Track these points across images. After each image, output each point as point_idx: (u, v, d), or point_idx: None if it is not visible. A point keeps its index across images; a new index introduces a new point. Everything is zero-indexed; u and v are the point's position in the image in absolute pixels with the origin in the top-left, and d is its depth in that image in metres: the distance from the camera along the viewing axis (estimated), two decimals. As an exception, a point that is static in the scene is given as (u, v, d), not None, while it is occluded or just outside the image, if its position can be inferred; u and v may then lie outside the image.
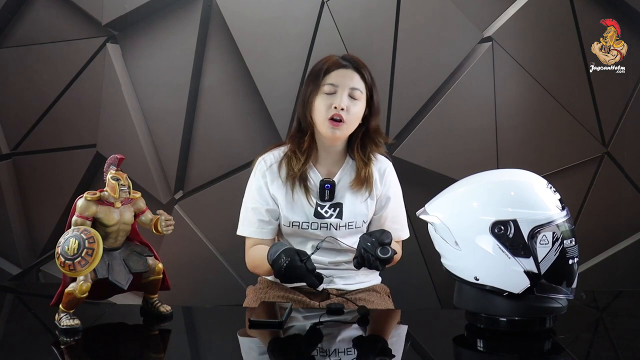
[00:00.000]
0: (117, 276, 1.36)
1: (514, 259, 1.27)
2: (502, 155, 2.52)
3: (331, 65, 1.73)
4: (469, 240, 1.31)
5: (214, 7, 2.50)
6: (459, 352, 1.34)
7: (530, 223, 1.26)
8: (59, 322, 1.35)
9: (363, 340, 1.38)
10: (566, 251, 1.27)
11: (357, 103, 1.71)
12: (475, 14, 2.47)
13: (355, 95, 1.71)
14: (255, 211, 1.78)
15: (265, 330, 1.38)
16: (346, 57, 1.77)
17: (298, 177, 1.74)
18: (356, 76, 1.73)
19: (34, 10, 2.54)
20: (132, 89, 2.55)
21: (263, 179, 1.78)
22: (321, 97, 1.71)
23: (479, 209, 1.31)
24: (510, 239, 1.27)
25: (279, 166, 1.78)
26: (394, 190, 1.84)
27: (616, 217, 2.57)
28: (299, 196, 1.75)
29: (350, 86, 1.71)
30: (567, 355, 1.25)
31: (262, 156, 1.82)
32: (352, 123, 1.72)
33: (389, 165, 1.85)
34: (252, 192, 1.79)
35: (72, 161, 2.58)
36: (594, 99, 2.53)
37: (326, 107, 1.69)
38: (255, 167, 1.81)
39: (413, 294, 2.50)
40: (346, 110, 1.69)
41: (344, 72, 1.72)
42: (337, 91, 1.70)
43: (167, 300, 1.48)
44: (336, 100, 1.69)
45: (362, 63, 1.76)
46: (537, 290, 1.28)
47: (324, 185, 1.73)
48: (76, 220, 1.33)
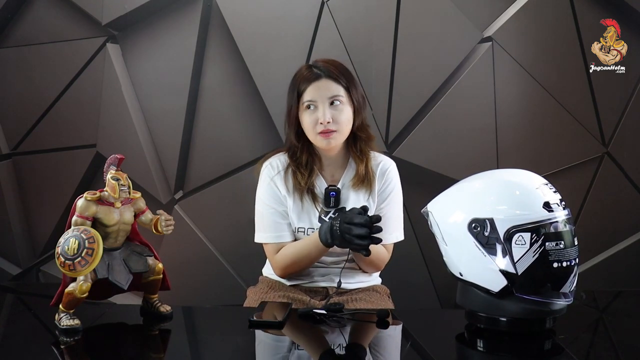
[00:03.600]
0: (117, 276, 1.36)
1: (489, 257, 1.27)
2: (502, 155, 2.52)
3: (303, 81, 1.72)
4: (452, 237, 1.34)
5: (214, 7, 2.50)
6: (459, 352, 1.34)
7: (506, 223, 1.25)
8: (59, 322, 1.35)
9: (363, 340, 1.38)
10: (548, 253, 1.24)
11: (342, 109, 1.70)
12: (475, 14, 2.48)
13: (337, 103, 1.69)
14: (274, 214, 1.75)
15: (265, 330, 1.38)
16: (317, 65, 1.74)
17: (306, 190, 1.74)
18: (331, 84, 1.70)
19: (34, 10, 2.54)
20: (132, 89, 2.55)
21: (273, 183, 1.77)
22: (305, 114, 1.71)
23: (461, 207, 1.33)
24: (485, 237, 1.27)
25: (285, 174, 1.76)
26: (393, 191, 1.81)
27: (616, 217, 2.58)
28: (306, 204, 1.74)
29: (328, 96, 1.69)
30: (567, 355, 1.25)
31: (267, 161, 1.81)
32: (344, 129, 1.71)
33: (391, 165, 1.83)
34: (266, 196, 1.77)
35: (72, 161, 2.58)
36: (594, 99, 2.53)
37: (313, 124, 1.69)
38: (262, 172, 1.80)
39: (413, 294, 2.50)
40: (333, 120, 1.68)
41: (318, 85, 1.70)
42: (318, 105, 1.69)
43: (167, 300, 1.48)
44: (320, 115, 1.68)
45: (334, 66, 1.73)
46: (516, 290, 1.27)
47: (329, 193, 1.73)
48: (76, 220, 1.33)
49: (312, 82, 1.70)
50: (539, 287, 1.26)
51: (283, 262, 1.74)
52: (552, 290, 1.26)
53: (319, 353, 1.29)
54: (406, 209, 2.48)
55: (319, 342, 1.36)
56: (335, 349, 1.30)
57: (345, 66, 1.77)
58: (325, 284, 1.77)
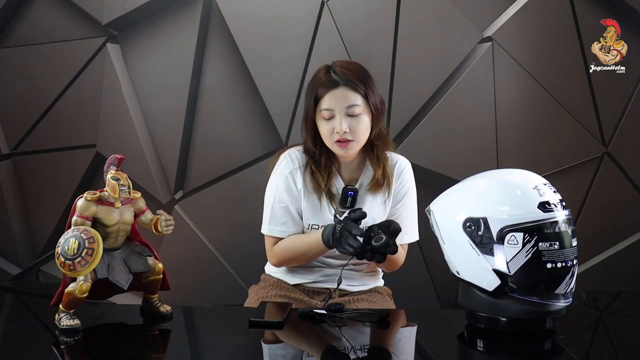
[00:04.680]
0: (117, 276, 1.36)
1: (483, 257, 1.28)
2: (502, 155, 2.52)
3: (321, 88, 1.66)
4: (449, 236, 1.35)
5: (214, 7, 2.50)
6: (459, 352, 1.34)
7: (499, 222, 1.25)
8: (59, 322, 1.35)
9: (364, 340, 1.38)
10: (542, 254, 1.23)
11: (359, 119, 1.65)
12: (475, 14, 2.48)
13: (355, 112, 1.64)
14: (286, 210, 1.73)
15: (265, 330, 1.38)
16: (334, 69, 1.68)
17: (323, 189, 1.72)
18: (349, 93, 1.64)
19: (34, 10, 2.54)
20: (132, 89, 2.55)
21: (292, 178, 1.73)
22: (322, 122, 1.67)
23: (457, 206, 1.34)
24: (479, 237, 1.28)
25: (304, 172, 1.74)
26: (408, 192, 1.80)
27: (616, 217, 2.58)
28: (323, 203, 1.72)
29: (346, 105, 1.64)
30: (567, 355, 1.25)
31: (286, 152, 1.77)
32: (361, 139, 1.68)
33: (407, 165, 1.82)
34: (281, 191, 1.74)
35: (72, 161, 2.58)
36: (594, 99, 2.53)
37: (329, 132, 1.66)
38: (280, 163, 1.76)
39: (413, 294, 2.50)
40: (350, 130, 1.64)
41: (335, 94, 1.64)
42: (335, 115, 1.64)
43: (167, 300, 1.48)
44: (336, 125, 1.64)
45: (352, 72, 1.67)
46: (509, 290, 1.27)
47: (347, 193, 1.65)
48: (76, 220, 1.33)
49: (330, 89, 1.65)
50: (532, 288, 1.25)
51: (281, 254, 1.73)
52: (546, 291, 1.26)
53: (319, 353, 1.29)
54: (406, 209, 2.50)
55: (319, 342, 1.35)
56: (335, 349, 1.30)
57: (365, 70, 1.71)
58: (329, 285, 1.77)
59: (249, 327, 1.38)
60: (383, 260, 1.45)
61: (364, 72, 1.70)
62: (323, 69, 1.71)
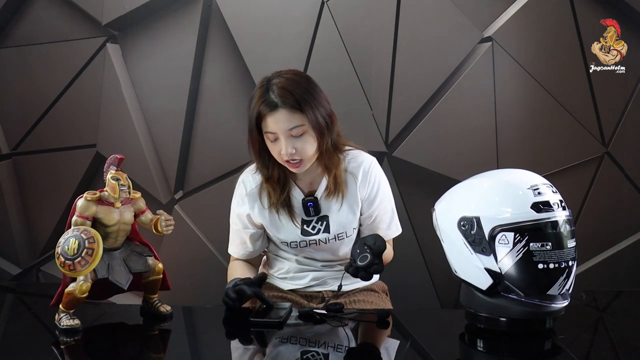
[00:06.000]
0: (117, 276, 1.36)
1: (475, 255, 1.28)
2: (502, 155, 2.52)
3: (262, 107, 1.58)
4: (446, 234, 1.36)
5: (214, 7, 2.50)
6: (459, 352, 1.34)
7: (491, 222, 1.26)
8: (59, 322, 1.35)
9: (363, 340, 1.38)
10: (533, 254, 1.23)
11: (304, 138, 1.58)
12: (475, 14, 2.47)
13: (298, 133, 1.57)
14: (237, 233, 1.80)
15: (265, 330, 1.38)
16: (272, 88, 1.58)
17: (281, 203, 1.70)
18: (289, 115, 1.56)
19: (34, 10, 2.54)
20: (132, 89, 2.55)
21: (243, 205, 1.75)
22: (269, 143, 1.62)
23: (454, 205, 1.35)
24: (472, 235, 1.29)
25: (259, 192, 1.72)
26: (380, 190, 1.75)
27: (616, 217, 2.57)
28: (284, 218, 1.71)
29: (287, 128, 1.56)
30: (567, 355, 1.25)
31: (241, 177, 1.78)
32: (310, 156, 1.62)
33: (372, 163, 1.74)
34: (233, 214, 1.80)
35: (72, 161, 2.58)
36: (594, 99, 2.53)
37: (277, 153, 1.62)
38: (236, 187, 1.79)
39: (413, 294, 2.50)
40: (297, 151, 1.58)
41: (276, 117, 1.56)
42: (279, 137, 1.58)
43: (167, 300, 1.48)
44: (282, 147, 1.58)
45: (289, 91, 1.57)
46: (501, 289, 1.27)
47: (307, 204, 1.69)
48: (76, 220, 1.33)
49: (270, 110, 1.57)
50: (525, 288, 1.25)
51: (228, 275, 1.83)
52: (540, 292, 1.25)
53: (319, 353, 1.29)
54: (406, 208, 2.50)
55: (319, 342, 1.35)
56: (336, 349, 1.30)
57: (305, 84, 1.60)
58: (321, 288, 1.77)
59: (249, 327, 1.38)
60: (369, 279, 1.42)
61: (303, 88, 1.59)
62: (261, 88, 1.62)
